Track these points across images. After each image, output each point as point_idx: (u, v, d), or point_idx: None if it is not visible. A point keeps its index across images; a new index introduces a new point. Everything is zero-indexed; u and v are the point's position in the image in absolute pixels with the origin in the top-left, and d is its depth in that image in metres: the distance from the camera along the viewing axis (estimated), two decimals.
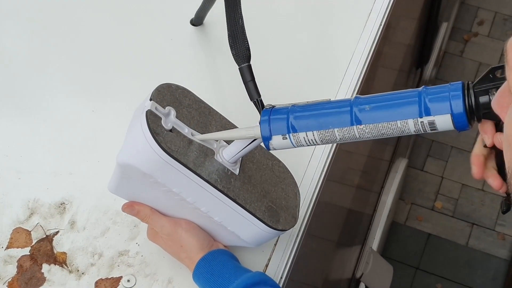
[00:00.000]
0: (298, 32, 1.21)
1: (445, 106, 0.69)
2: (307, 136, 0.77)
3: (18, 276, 0.96)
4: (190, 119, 0.85)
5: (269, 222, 0.86)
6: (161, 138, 0.79)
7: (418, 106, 0.70)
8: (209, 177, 0.82)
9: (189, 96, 0.87)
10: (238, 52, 0.82)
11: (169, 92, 0.84)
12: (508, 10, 2.92)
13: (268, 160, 0.92)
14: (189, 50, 1.18)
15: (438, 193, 2.56)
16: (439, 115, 0.69)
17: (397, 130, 0.72)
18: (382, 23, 1.20)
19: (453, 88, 0.69)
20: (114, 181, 0.89)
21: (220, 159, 0.85)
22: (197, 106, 0.87)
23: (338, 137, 0.75)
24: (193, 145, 0.83)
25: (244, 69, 0.82)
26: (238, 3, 0.83)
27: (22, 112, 1.10)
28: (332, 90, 1.12)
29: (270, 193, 0.89)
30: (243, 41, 0.82)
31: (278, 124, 0.78)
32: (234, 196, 0.84)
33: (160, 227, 0.90)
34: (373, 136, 0.74)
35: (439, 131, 0.71)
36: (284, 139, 0.78)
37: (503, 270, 2.40)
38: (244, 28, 0.83)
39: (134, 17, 1.21)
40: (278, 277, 0.96)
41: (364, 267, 1.86)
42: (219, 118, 0.90)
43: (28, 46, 1.17)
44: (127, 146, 0.82)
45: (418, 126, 0.71)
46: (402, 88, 0.75)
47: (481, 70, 2.79)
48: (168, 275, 0.96)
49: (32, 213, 1.00)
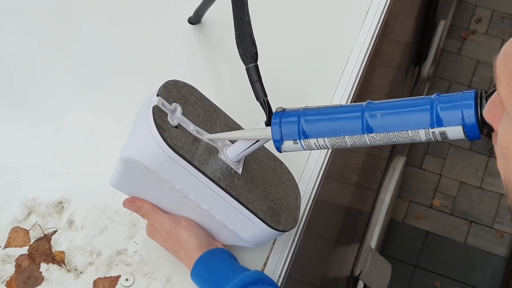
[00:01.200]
0: (296, 30, 1.21)
1: (457, 116, 0.68)
2: (318, 141, 0.77)
3: (16, 275, 0.96)
4: (195, 116, 0.85)
5: (270, 223, 0.86)
6: (167, 134, 0.79)
7: (430, 115, 0.70)
8: (213, 175, 0.82)
9: (195, 93, 0.87)
10: (245, 51, 0.82)
11: (176, 89, 0.84)
12: (505, 7, 2.92)
13: (271, 161, 0.93)
14: (187, 49, 1.18)
15: (436, 190, 2.57)
16: (451, 126, 0.69)
17: (408, 138, 0.72)
18: (380, 21, 1.20)
19: (466, 97, 0.68)
20: (116, 176, 0.88)
21: (224, 158, 0.85)
22: (203, 104, 0.87)
23: (349, 143, 0.75)
24: (198, 142, 0.83)
25: (251, 69, 0.82)
26: (245, 2, 0.83)
27: (20, 111, 1.10)
28: (330, 88, 1.12)
29: (271, 193, 0.89)
30: (250, 41, 0.82)
31: (289, 128, 0.77)
32: (236, 195, 0.84)
33: (160, 224, 0.90)
34: (383, 143, 0.74)
35: (450, 140, 0.71)
36: (295, 143, 0.78)
37: (501, 268, 2.40)
38: (251, 28, 0.83)
39: (132, 16, 1.21)
40: (276, 276, 0.96)
41: (362, 265, 1.86)
42: (224, 116, 0.90)
43: (25, 45, 1.17)
44: (132, 141, 0.82)
45: (429, 136, 0.71)
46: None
47: (479, 68, 2.79)
48: (167, 274, 0.96)
49: (30, 212, 1.00)
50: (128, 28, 1.19)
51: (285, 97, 0.82)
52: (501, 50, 0.54)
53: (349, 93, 1.11)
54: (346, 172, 1.49)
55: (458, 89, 2.75)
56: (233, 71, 1.13)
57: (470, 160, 2.62)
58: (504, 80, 0.52)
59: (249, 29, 0.82)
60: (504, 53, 0.53)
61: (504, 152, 0.55)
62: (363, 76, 1.15)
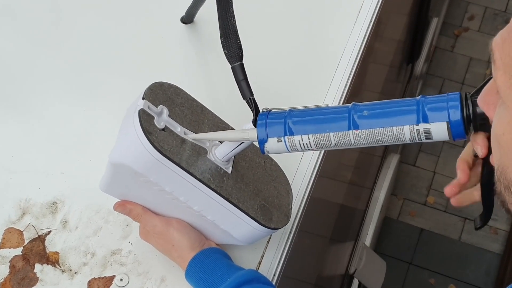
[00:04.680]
0: (288, 28, 1.20)
1: (443, 114, 0.70)
2: (302, 139, 0.77)
3: (11, 276, 0.95)
4: (182, 117, 0.85)
5: (262, 221, 0.86)
6: (154, 137, 0.79)
7: (416, 114, 0.71)
8: (202, 176, 0.82)
9: (181, 94, 0.87)
10: (230, 51, 0.82)
11: (162, 91, 0.84)
12: (498, 5, 2.92)
13: (261, 158, 0.92)
14: (180, 48, 1.18)
15: (431, 188, 2.57)
16: (436, 122, 0.70)
17: (393, 137, 0.73)
18: (372, 19, 1.20)
19: (451, 98, 0.71)
20: (106, 180, 0.88)
21: (213, 158, 0.84)
22: (190, 105, 0.87)
23: (333, 142, 0.76)
24: (185, 144, 0.82)
25: (237, 68, 0.82)
26: (230, 2, 0.83)
27: (13, 112, 1.10)
28: (323, 87, 1.12)
29: (262, 191, 0.89)
30: (235, 40, 0.82)
31: (275, 127, 0.78)
32: (227, 195, 0.84)
33: (152, 226, 0.90)
34: (368, 143, 0.75)
35: (434, 141, 0.72)
36: (279, 141, 0.78)
37: (495, 265, 2.41)
38: (236, 27, 0.83)
39: (124, 16, 1.20)
40: (271, 274, 0.96)
41: (357, 263, 1.86)
42: (212, 116, 0.90)
43: (17, 46, 1.16)
44: (120, 145, 0.82)
45: (413, 134, 0.72)
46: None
47: (471, 65, 2.79)
48: (161, 274, 0.96)
49: (24, 213, 1.00)
50: (120, 28, 1.19)
51: (277, 96, 0.82)
52: (499, 34, 0.53)
53: (342, 91, 1.11)
54: (340, 170, 1.49)
55: (451, 86, 2.75)
56: (226, 71, 1.13)
57: None
58: (501, 68, 0.52)
59: (233, 29, 0.82)
60: (502, 38, 0.53)
61: (498, 140, 0.56)
62: (356, 75, 1.15)
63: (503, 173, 0.56)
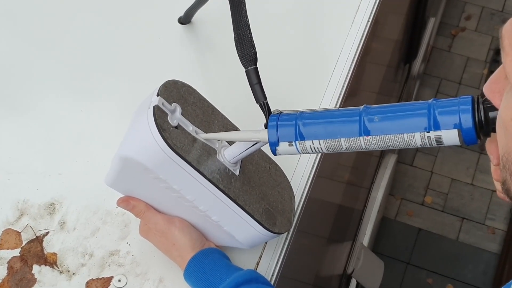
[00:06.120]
0: (286, 28, 1.21)
1: (454, 120, 0.69)
2: (313, 144, 0.77)
3: (9, 277, 0.95)
4: (194, 117, 0.85)
5: (266, 225, 0.86)
6: (167, 134, 0.79)
7: (427, 119, 0.70)
8: (211, 176, 0.82)
9: (194, 94, 0.87)
10: (244, 54, 0.82)
11: (175, 89, 0.84)
12: (495, 4, 2.93)
13: (266, 163, 0.93)
14: (177, 49, 1.17)
15: (428, 188, 2.57)
16: (448, 129, 0.69)
17: (403, 143, 0.72)
18: (370, 19, 1.20)
19: (463, 102, 0.69)
20: (113, 175, 0.87)
21: (222, 159, 0.85)
22: (201, 105, 0.87)
23: (344, 146, 0.75)
24: (197, 143, 0.82)
25: (251, 71, 0.82)
26: (243, 3, 0.83)
27: (11, 113, 1.10)
28: (321, 87, 1.12)
29: (267, 195, 0.89)
30: (250, 43, 0.82)
31: (285, 131, 0.78)
32: (234, 196, 0.84)
33: (154, 224, 0.90)
34: (378, 147, 0.74)
35: (445, 145, 0.71)
36: (290, 145, 0.78)
37: (493, 264, 2.41)
38: (251, 30, 0.82)
39: (121, 16, 1.20)
40: (269, 275, 0.96)
41: (355, 262, 1.87)
42: (221, 117, 0.90)
43: (15, 46, 1.16)
44: (131, 140, 0.82)
45: (424, 140, 0.71)
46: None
47: (469, 64, 2.80)
48: (159, 274, 0.96)
49: (22, 214, 1.00)
50: (118, 29, 1.19)
51: (275, 95, 0.82)
52: (509, 21, 0.53)
53: (339, 91, 1.11)
54: (338, 170, 1.49)
55: (448, 86, 2.76)
56: (223, 71, 1.13)
57: (461, 157, 2.63)
58: (510, 54, 0.52)
59: (248, 31, 0.82)
60: None
61: (505, 125, 0.55)
62: (353, 74, 1.15)
63: (509, 160, 0.56)
